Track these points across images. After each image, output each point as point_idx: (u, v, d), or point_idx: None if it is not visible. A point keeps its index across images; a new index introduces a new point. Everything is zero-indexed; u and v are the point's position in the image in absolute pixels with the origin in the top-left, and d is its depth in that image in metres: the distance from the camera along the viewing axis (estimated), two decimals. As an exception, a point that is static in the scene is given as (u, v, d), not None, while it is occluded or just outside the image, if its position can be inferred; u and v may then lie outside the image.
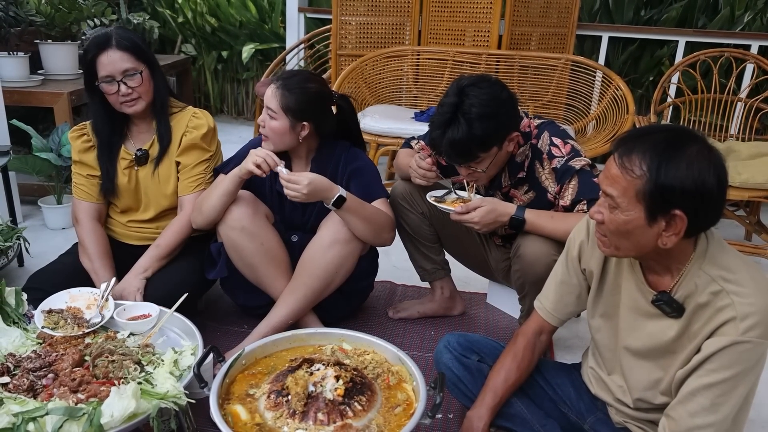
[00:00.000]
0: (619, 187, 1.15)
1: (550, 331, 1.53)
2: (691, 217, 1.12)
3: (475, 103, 1.66)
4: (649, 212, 1.14)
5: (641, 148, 1.13)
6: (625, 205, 1.15)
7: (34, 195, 3.14)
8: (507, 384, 1.47)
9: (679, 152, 1.11)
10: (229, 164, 2.00)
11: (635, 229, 1.16)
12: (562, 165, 1.78)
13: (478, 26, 3.68)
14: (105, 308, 1.73)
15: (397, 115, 3.40)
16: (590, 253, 1.40)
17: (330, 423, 1.28)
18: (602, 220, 1.21)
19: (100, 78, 1.88)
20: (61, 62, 3.40)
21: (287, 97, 1.86)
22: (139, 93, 1.92)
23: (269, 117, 1.89)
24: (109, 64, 1.86)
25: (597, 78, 3.40)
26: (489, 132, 1.68)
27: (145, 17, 4.43)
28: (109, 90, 1.89)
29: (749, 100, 3.24)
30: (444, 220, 2.06)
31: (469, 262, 2.24)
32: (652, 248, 1.19)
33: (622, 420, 1.42)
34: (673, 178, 1.10)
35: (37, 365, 1.47)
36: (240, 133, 4.79)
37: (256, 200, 1.97)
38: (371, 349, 1.58)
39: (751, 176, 2.70)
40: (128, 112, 1.94)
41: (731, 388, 1.16)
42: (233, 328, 2.15)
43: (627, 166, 1.13)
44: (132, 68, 1.89)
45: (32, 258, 2.60)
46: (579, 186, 1.75)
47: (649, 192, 1.12)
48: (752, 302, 1.14)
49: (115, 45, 1.87)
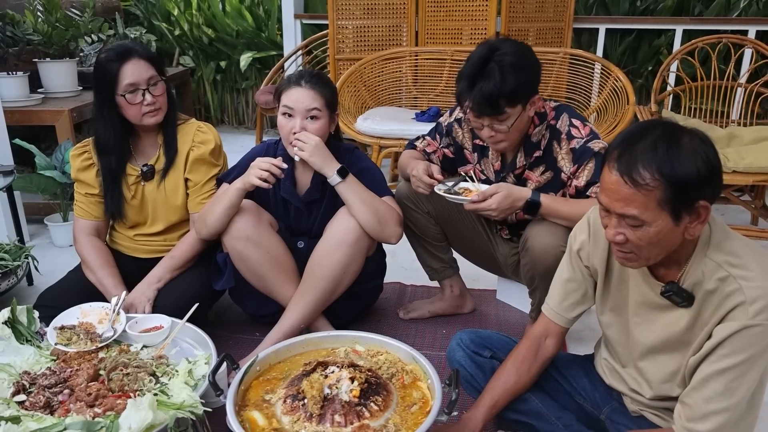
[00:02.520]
0: (638, 204, 1.12)
1: (558, 333, 1.50)
2: (710, 200, 1.13)
3: (508, 52, 1.66)
4: (674, 214, 1.12)
5: (642, 159, 1.11)
6: (651, 219, 1.13)
7: (40, 213, 3.15)
8: (505, 387, 1.46)
9: (678, 146, 1.11)
10: (232, 173, 2.00)
11: (665, 235, 1.15)
12: (581, 146, 1.77)
13: (474, 24, 3.68)
14: (117, 322, 1.74)
15: (398, 117, 3.41)
16: (593, 250, 1.40)
17: (347, 424, 1.28)
18: (625, 239, 1.18)
19: (124, 87, 1.87)
20: (60, 80, 3.41)
21: (325, 93, 1.87)
22: (161, 103, 1.93)
23: (312, 118, 1.87)
24: (136, 72, 1.86)
25: (596, 70, 3.40)
26: (520, 83, 1.66)
27: (142, 31, 4.46)
28: (133, 100, 1.88)
29: (749, 85, 3.23)
30: (450, 217, 2.06)
31: (477, 259, 2.24)
32: (680, 244, 1.18)
33: (638, 409, 1.42)
34: (689, 170, 1.09)
35: (52, 382, 1.48)
36: (242, 143, 4.80)
37: (259, 209, 1.97)
38: (384, 349, 1.59)
39: (754, 160, 2.69)
40: (150, 123, 1.94)
41: (744, 372, 1.16)
42: (245, 336, 2.15)
43: (639, 182, 1.11)
44: (155, 76, 1.90)
45: (41, 276, 2.61)
46: (595, 168, 1.75)
47: (670, 196, 1.11)
48: (759, 285, 1.14)
49: (137, 54, 1.88)
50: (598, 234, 1.37)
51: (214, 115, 5.45)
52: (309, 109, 1.85)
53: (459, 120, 1.98)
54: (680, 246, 1.20)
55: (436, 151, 2.05)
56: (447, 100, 3.67)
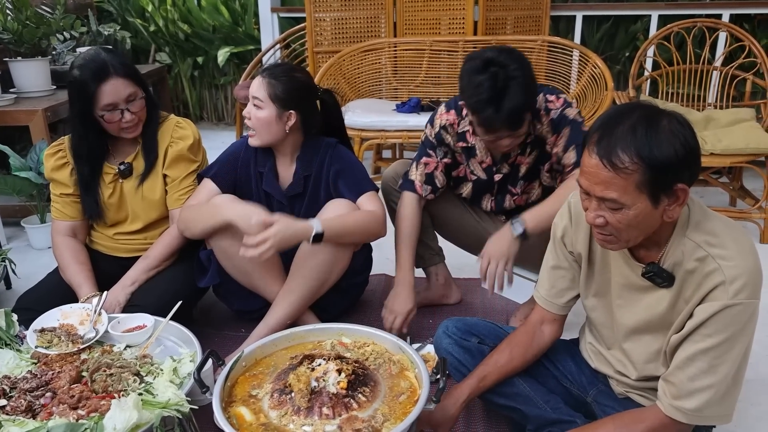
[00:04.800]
0: (617, 188, 1.13)
1: (553, 319, 1.51)
2: (689, 182, 1.14)
3: (516, 67, 1.67)
4: (652, 197, 1.14)
5: (621, 142, 1.12)
6: (631, 201, 1.14)
7: (17, 216, 3.09)
8: (497, 365, 1.47)
9: (656, 129, 1.11)
10: (212, 168, 1.98)
11: (644, 218, 1.16)
12: (558, 115, 1.84)
13: (452, 14, 3.68)
14: (99, 323, 1.71)
15: (378, 109, 3.39)
16: (574, 236, 1.41)
17: (336, 416, 1.28)
18: (605, 222, 1.19)
19: (102, 107, 1.82)
20: (33, 79, 3.33)
21: (274, 85, 1.85)
22: (140, 117, 1.90)
23: (256, 107, 1.87)
24: (114, 93, 1.82)
25: (574, 57, 3.41)
26: (532, 89, 1.73)
27: (116, 28, 4.37)
28: (111, 119, 1.85)
29: (724, 68, 3.27)
30: (439, 202, 2.06)
31: (466, 243, 2.21)
32: (658, 226, 1.20)
33: (623, 390, 1.43)
34: (667, 155, 1.10)
35: (33, 385, 1.45)
36: (222, 139, 4.76)
37: None
38: (371, 340, 1.58)
39: (731, 142, 2.73)
40: (128, 137, 1.92)
41: (727, 350, 1.18)
42: (231, 333, 2.13)
43: (619, 166, 1.12)
44: (134, 93, 1.86)
45: (19, 279, 2.56)
46: (570, 133, 1.83)
47: (649, 179, 1.11)
48: (737, 264, 1.16)
49: (114, 72, 1.82)
50: (579, 218, 1.38)
51: (192, 111, 5.39)
52: (253, 97, 1.87)
53: (444, 126, 1.97)
54: (660, 228, 1.21)
55: (437, 166, 2.01)
56: (427, 91, 3.67)
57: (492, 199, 2.05)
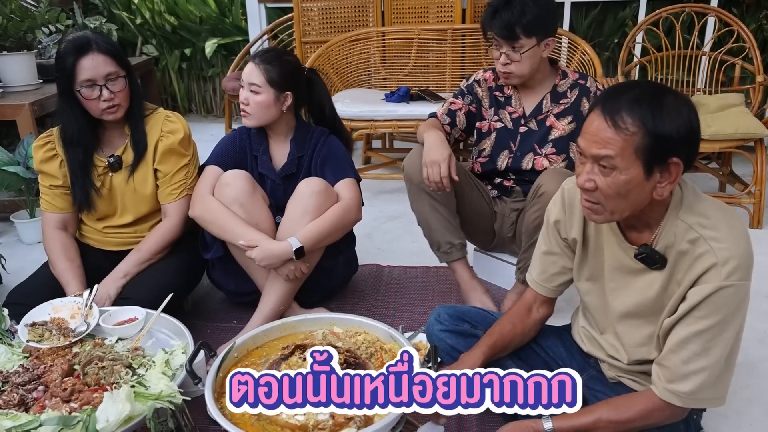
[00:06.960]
0: (615, 147, 1.14)
1: (545, 301, 1.53)
2: (684, 161, 1.15)
3: None
4: (646, 166, 1.14)
5: (627, 105, 1.13)
6: (624, 165, 1.14)
7: (6, 211, 3.07)
8: (502, 332, 1.48)
9: (663, 102, 1.13)
10: (214, 156, 2.06)
11: (634, 187, 1.17)
12: (590, 82, 2.07)
13: (440, 2, 3.66)
14: (90, 316, 1.70)
15: (367, 98, 3.38)
16: (569, 222, 1.41)
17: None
18: (595, 186, 1.19)
19: (80, 82, 1.81)
20: (18, 73, 3.30)
21: (269, 70, 1.94)
22: (120, 99, 1.88)
23: (253, 93, 1.96)
24: (93, 68, 1.81)
25: (563, 44, 3.41)
26: (536, 17, 1.91)
27: (102, 21, 4.32)
28: (89, 95, 1.83)
29: (713, 53, 3.27)
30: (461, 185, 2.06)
31: (474, 227, 2.20)
32: (646, 203, 1.20)
33: (615, 375, 1.44)
34: (669, 127, 1.12)
35: (25, 379, 1.45)
36: (211, 131, 4.73)
37: (254, 182, 2.00)
38: (362, 329, 1.59)
39: (720, 128, 2.74)
40: (109, 119, 1.90)
41: (721, 332, 1.19)
42: (222, 324, 2.13)
43: (620, 125, 1.13)
44: (114, 72, 1.84)
45: (9, 275, 2.55)
46: None
47: (647, 145, 1.13)
48: (729, 246, 1.16)
49: (96, 48, 1.82)
50: (573, 203, 1.39)
51: (181, 104, 5.35)
52: (250, 83, 1.95)
53: (478, 80, 2.17)
54: (652, 208, 1.22)
55: (462, 108, 2.15)
56: (416, 80, 3.65)
57: (510, 156, 2.10)
